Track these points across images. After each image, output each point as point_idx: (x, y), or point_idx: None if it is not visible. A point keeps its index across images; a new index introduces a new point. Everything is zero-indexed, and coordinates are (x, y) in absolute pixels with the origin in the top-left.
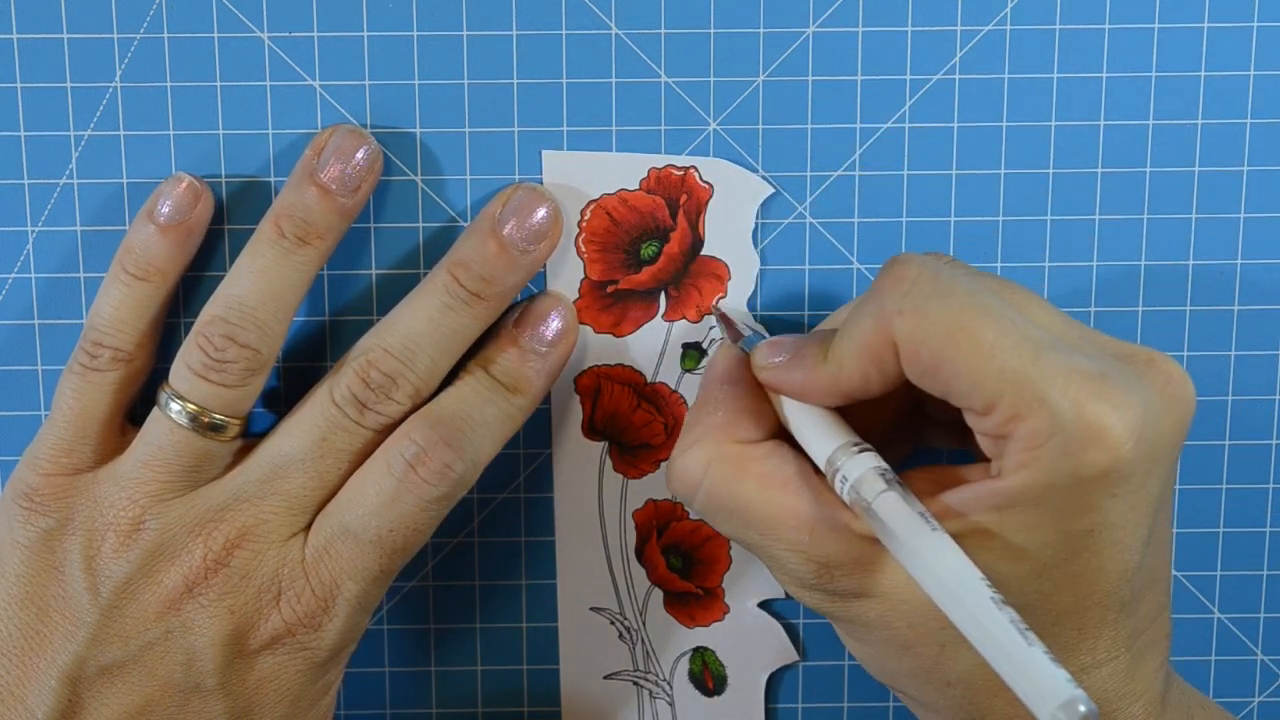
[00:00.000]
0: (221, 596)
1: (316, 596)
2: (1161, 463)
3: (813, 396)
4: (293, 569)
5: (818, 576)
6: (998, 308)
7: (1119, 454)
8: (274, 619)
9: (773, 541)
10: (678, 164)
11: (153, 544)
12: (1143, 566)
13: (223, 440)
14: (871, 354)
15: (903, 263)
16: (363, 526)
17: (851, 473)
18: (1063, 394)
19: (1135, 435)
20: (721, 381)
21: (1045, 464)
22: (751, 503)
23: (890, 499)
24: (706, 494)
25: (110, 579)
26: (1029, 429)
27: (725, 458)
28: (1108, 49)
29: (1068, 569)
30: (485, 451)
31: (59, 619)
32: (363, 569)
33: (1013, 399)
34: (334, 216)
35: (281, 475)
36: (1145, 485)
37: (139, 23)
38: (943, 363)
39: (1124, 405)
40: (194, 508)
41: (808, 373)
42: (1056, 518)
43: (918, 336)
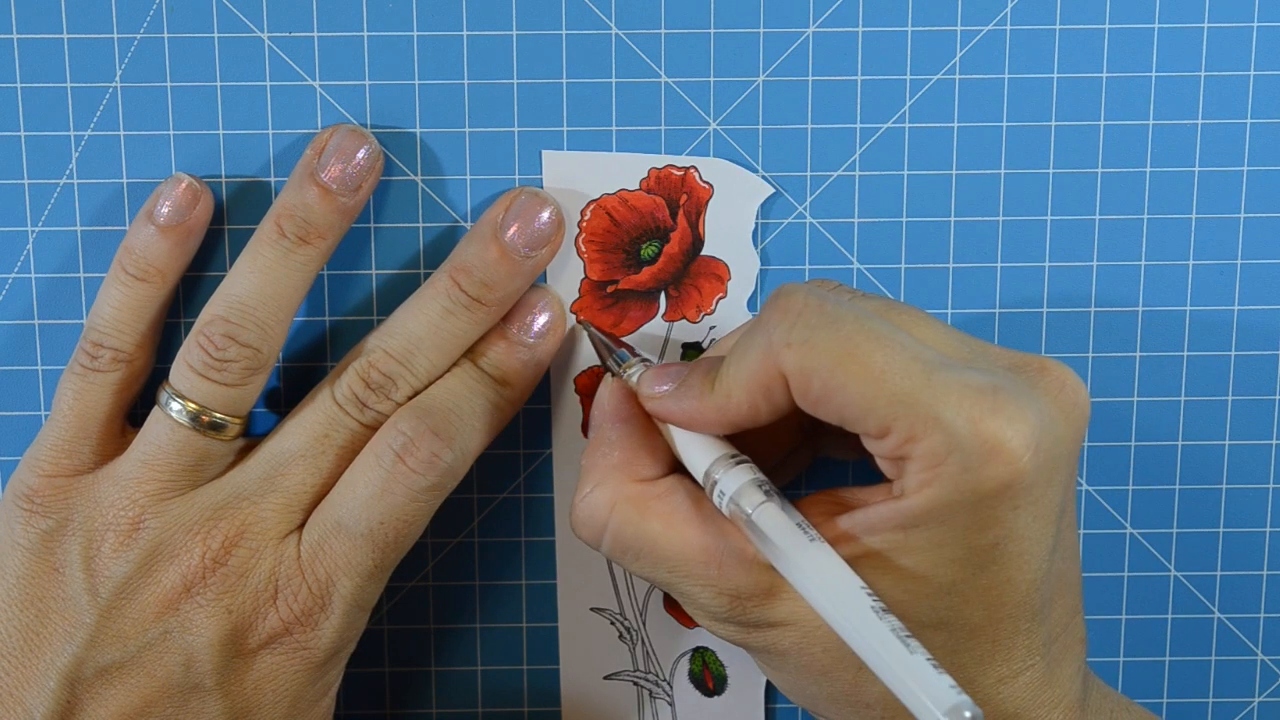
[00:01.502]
0: (219, 596)
1: (313, 594)
2: (1060, 470)
3: (701, 426)
4: (289, 567)
5: (730, 609)
6: (886, 331)
7: (1018, 467)
8: (271, 618)
9: (682, 578)
10: (678, 164)
11: (152, 543)
12: (1050, 574)
13: (223, 439)
14: (760, 386)
15: (788, 294)
16: (354, 520)
17: (729, 486)
18: (957, 411)
19: (1032, 446)
20: (614, 420)
21: (946, 482)
22: (658, 542)
23: (769, 510)
24: (613, 537)
25: (110, 579)
26: (926, 449)
27: (628, 498)
28: (1108, 49)
29: (977, 583)
30: (474, 442)
31: (58, 620)
32: (357, 564)
33: (907, 421)
34: (335, 216)
35: (281, 472)
36: (1046, 494)
37: (139, 23)
38: (834, 391)
39: (1019, 418)
40: (193, 507)
41: (695, 402)
42: (961, 534)
43: (807, 367)
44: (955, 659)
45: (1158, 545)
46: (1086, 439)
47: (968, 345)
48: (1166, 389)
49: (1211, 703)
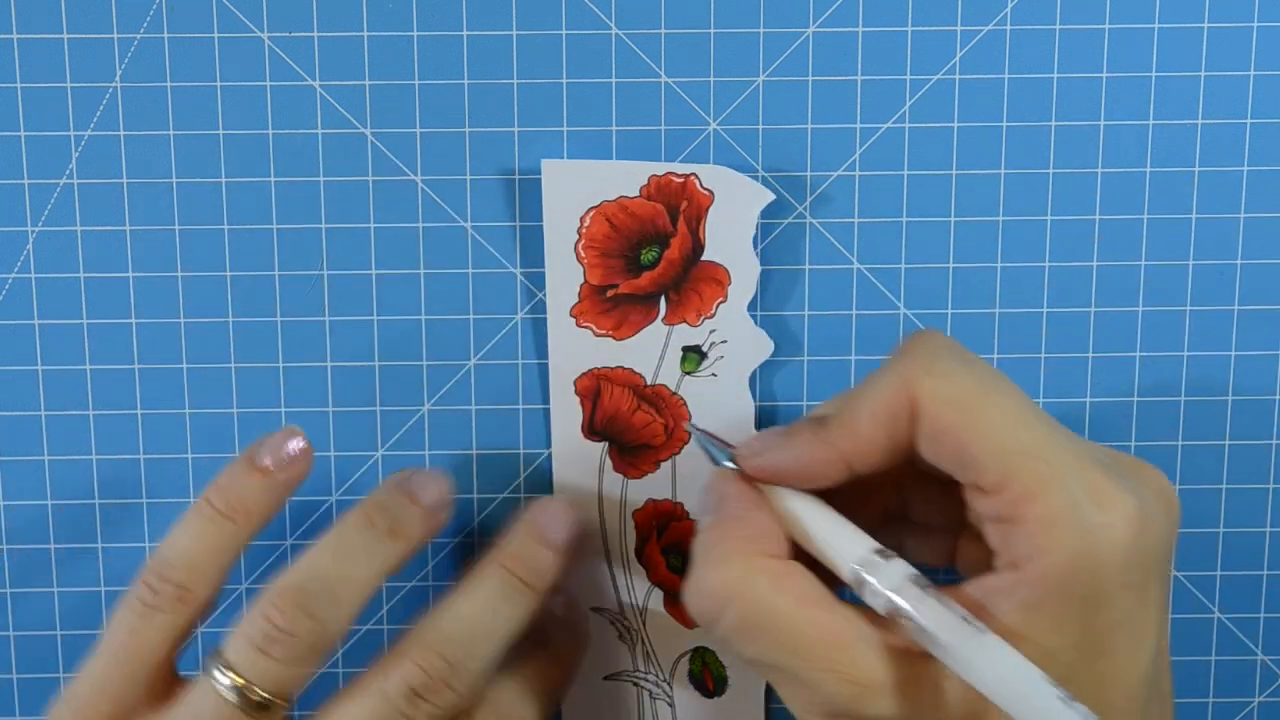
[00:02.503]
0: None
1: None
2: (1162, 563)
3: (817, 469)
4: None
5: (851, 699)
6: (1015, 389)
7: (1133, 531)
8: None
9: (804, 661)
10: (678, 171)
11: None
12: (1154, 671)
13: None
14: (888, 414)
15: (929, 334)
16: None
17: (885, 581)
18: (1078, 476)
19: (1142, 524)
20: (736, 500)
21: (1063, 548)
22: (787, 619)
23: (931, 605)
24: (739, 611)
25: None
26: (1045, 509)
27: (762, 571)
28: (1108, 49)
29: (1092, 671)
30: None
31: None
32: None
33: (1028, 475)
34: (420, 525)
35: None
36: (1149, 582)
37: (139, 23)
38: (964, 429)
39: (1132, 491)
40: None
41: (810, 448)
42: (1079, 610)
43: (943, 397)
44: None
45: None
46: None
47: (1065, 430)
48: (1166, 389)
49: (1211, 703)
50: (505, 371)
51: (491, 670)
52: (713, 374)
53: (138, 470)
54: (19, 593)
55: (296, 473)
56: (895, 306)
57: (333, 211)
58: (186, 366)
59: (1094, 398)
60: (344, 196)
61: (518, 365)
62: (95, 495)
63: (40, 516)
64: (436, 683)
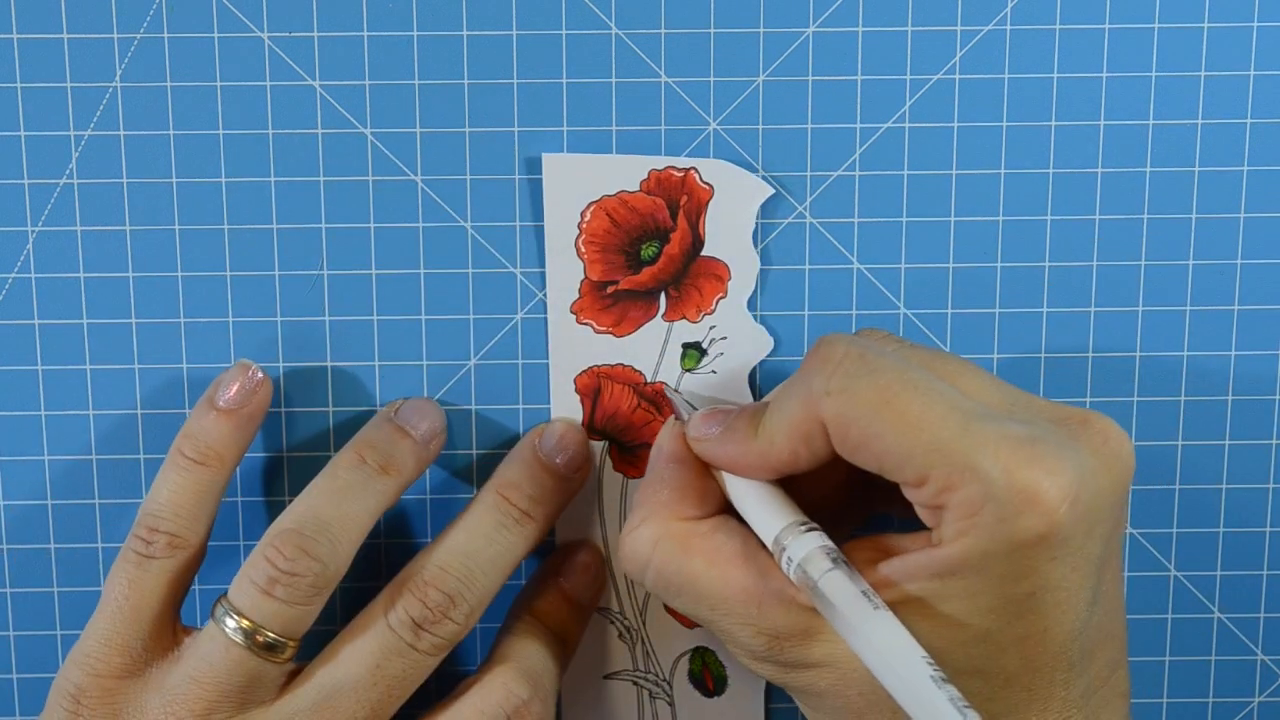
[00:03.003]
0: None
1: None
2: (1102, 522)
3: (745, 470)
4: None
5: (768, 648)
6: (925, 381)
7: (1054, 518)
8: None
9: (722, 616)
10: (678, 165)
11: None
12: (1090, 625)
13: (276, 661)
14: (800, 433)
15: (829, 343)
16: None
17: (797, 552)
18: (994, 461)
19: (1070, 498)
20: (667, 460)
21: (981, 531)
22: (700, 579)
23: (835, 578)
24: (656, 572)
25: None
26: (962, 498)
27: (671, 535)
28: (1108, 49)
29: (1012, 632)
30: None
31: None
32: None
33: (944, 470)
34: (412, 457)
35: (333, 704)
36: (1085, 546)
37: (139, 23)
38: (871, 439)
39: (1057, 469)
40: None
41: (739, 446)
42: (997, 583)
43: (845, 415)
44: (990, 707)
45: (1158, 545)
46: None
47: (1011, 396)
48: (1166, 389)
49: (1211, 703)
50: (505, 371)
51: (492, 598)
52: (713, 371)
53: (138, 470)
54: (19, 593)
55: (258, 405)
56: (895, 306)
57: (333, 211)
58: (187, 366)
59: (1094, 398)
60: (344, 196)
61: (518, 365)
62: (95, 495)
63: (40, 516)
64: (436, 614)
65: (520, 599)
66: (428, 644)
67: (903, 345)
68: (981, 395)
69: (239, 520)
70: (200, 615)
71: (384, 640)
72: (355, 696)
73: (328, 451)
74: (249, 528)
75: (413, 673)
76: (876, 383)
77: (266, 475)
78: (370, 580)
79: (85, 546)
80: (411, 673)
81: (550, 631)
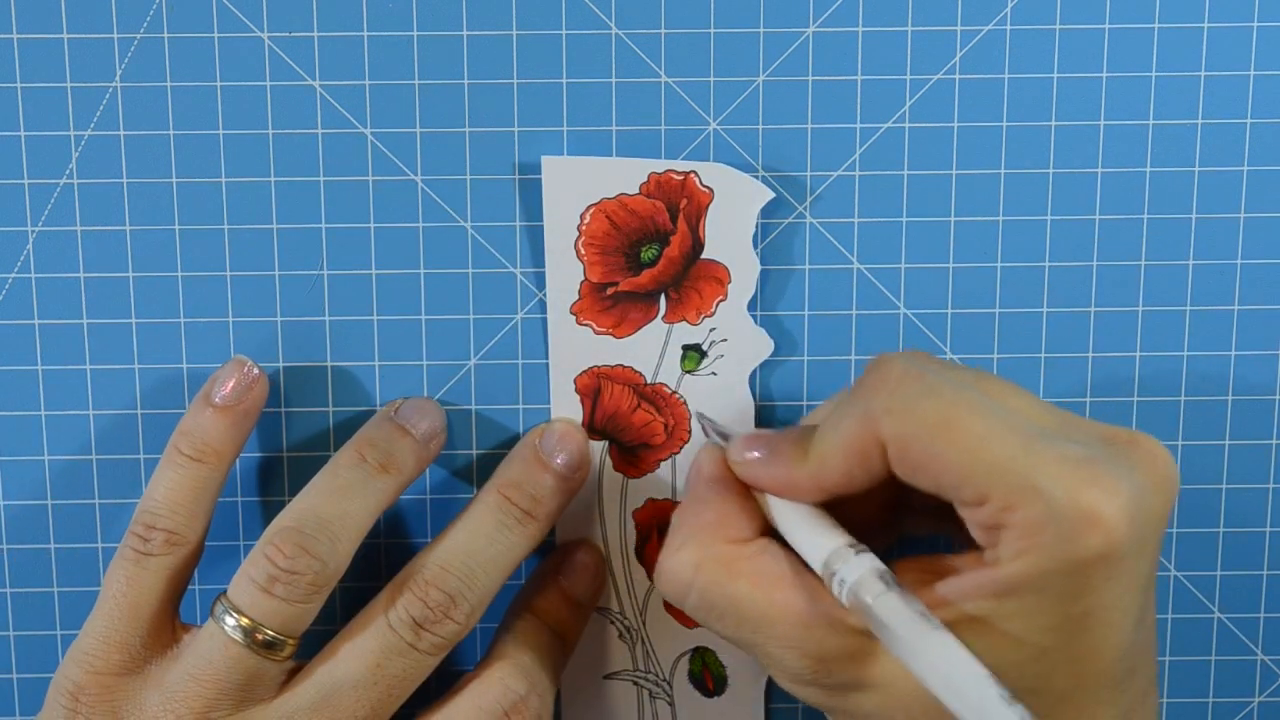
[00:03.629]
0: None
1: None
2: (1150, 542)
3: (794, 493)
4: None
5: (814, 672)
6: (983, 402)
7: (1114, 537)
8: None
9: (767, 639)
10: (678, 169)
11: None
12: (1135, 644)
13: (276, 659)
14: (857, 452)
15: (887, 362)
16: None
17: (850, 575)
18: (1055, 481)
19: (1128, 518)
20: (708, 481)
21: (1043, 551)
22: (745, 602)
23: (891, 600)
24: (699, 594)
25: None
26: (1024, 518)
27: (717, 558)
28: (1108, 49)
29: (1066, 651)
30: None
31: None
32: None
33: (1006, 490)
34: (412, 457)
35: (333, 703)
36: (1138, 565)
37: (139, 23)
38: (933, 459)
39: (1115, 489)
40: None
41: (788, 469)
42: (1055, 602)
43: (907, 434)
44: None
45: None
46: None
47: (1059, 417)
48: (1166, 389)
49: (1211, 703)
50: (505, 371)
51: (492, 598)
52: (713, 373)
53: (138, 470)
54: (19, 593)
55: (253, 402)
56: (895, 306)
57: (333, 211)
58: (187, 366)
59: (1094, 398)
60: (344, 196)
61: (518, 365)
62: (95, 495)
63: (40, 516)
64: (437, 613)
65: (520, 597)
66: (428, 643)
67: (948, 365)
68: (1031, 415)
69: (239, 519)
70: (200, 614)
71: (385, 639)
72: (355, 695)
73: (327, 451)
74: (248, 527)
75: (413, 672)
76: (937, 402)
77: (266, 475)
78: (370, 580)
79: (85, 546)
80: (412, 672)
81: (549, 630)
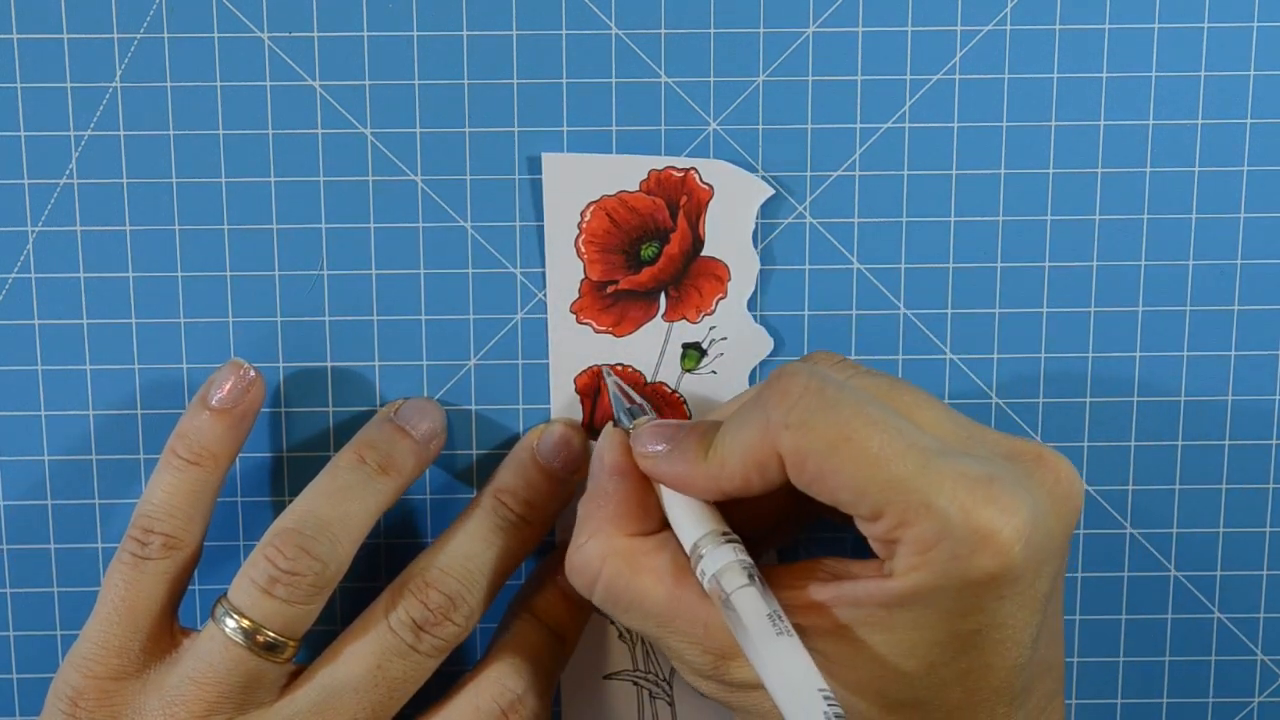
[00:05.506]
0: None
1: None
2: (1050, 561)
3: (691, 490)
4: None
5: (713, 667)
6: (883, 417)
7: (1008, 558)
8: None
9: (670, 633)
10: (678, 165)
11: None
12: (1033, 659)
13: (276, 661)
14: (755, 461)
15: (789, 375)
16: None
17: (712, 564)
18: (950, 499)
19: (1023, 538)
20: (610, 473)
21: (934, 568)
22: (647, 596)
23: (747, 595)
24: (604, 588)
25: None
26: (917, 534)
27: (618, 552)
28: (1108, 49)
29: (956, 667)
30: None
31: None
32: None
33: (900, 506)
34: (412, 457)
35: (333, 705)
36: (1034, 585)
37: (139, 23)
38: (829, 474)
39: (1012, 509)
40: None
41: (688, 467)
42: (944, 619)
43: (803, 449)
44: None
45: (1158, 545)
46: (1087, 437)
47: (966, 430)
48: (1166, 389)
49: (1211, 703)
50: (505, 371)
51: (492, 600)
52: (713, 371)
53: (138, 470)
54: (19, 593)
55: (250, 404)
56: (895, 306)
57: (333, 211)
58: (187, 366)
59: (1094, 398)
60: (344, 196)
61: (518, 365)
62: (95, 495)
63: (40, 516)
64: (437, 616)
65: (519, 596)
66: (428, 645)
67: (858, 373)
68: (937, 429)
69: (239, 520)
70: (200, 616)
71: (385, 641)
72: (356, 697)
73: (328, 451)
74: (249, 528)
75: (413, 674)
76: (836, 418)
77: (266, 475)
78: (370, 580)
79: (85, 546)
80: (412, 674)
81: (547, 629)
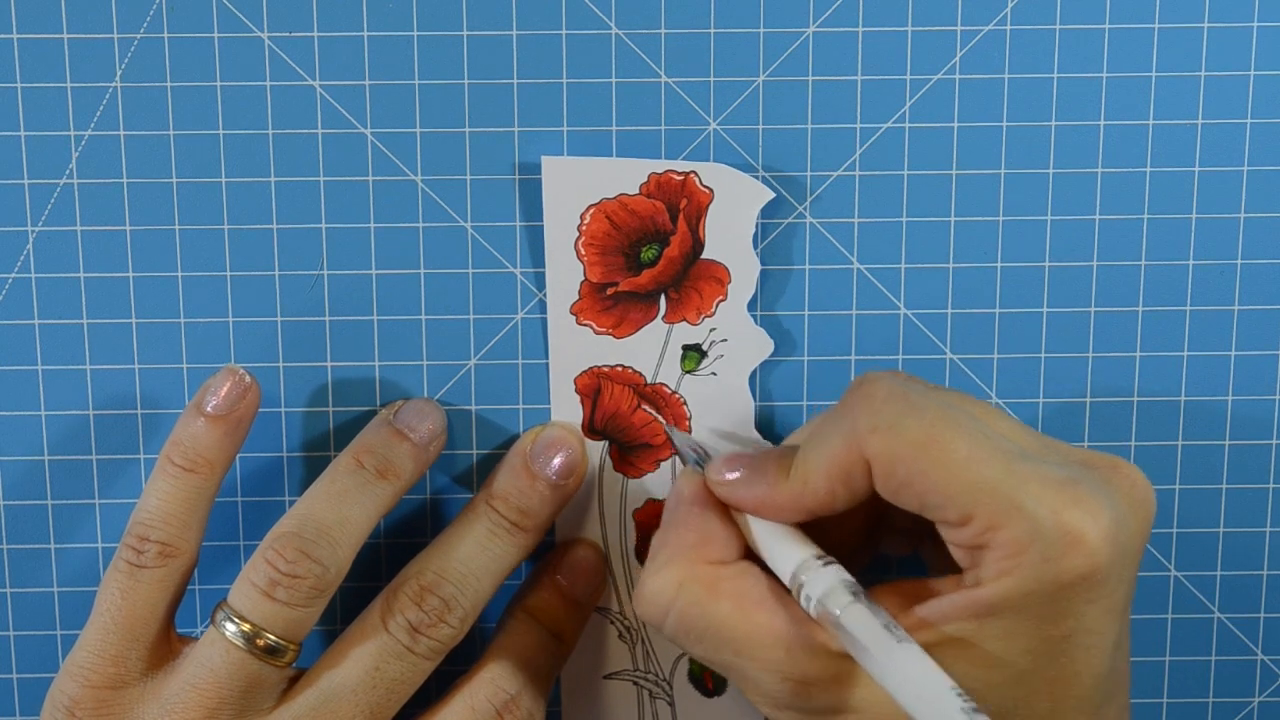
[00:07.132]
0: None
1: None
2: (1130, 566)
3: (775, 513)
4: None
5: (794, 695)
6: (967, 422)
7: (1097, 559)
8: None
9: (748, 661)
10: (678, 169)
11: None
12: (1114, 669)
13: (277, 665)
14: (841, 472)
15: (871, 381)
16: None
17: (817, 588)
18: (1039, 502)
19: (1110, 539)
20: (690, 504)
21: (1026, 571)
22: (726, 623)
23: (857, 611)
24: (679, 615)
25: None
26: (1008, 537)
27: (698, 579)
28: (1108, 49)
29: (1045, 674)
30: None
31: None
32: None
33: (990, 509)
34: (412, 463)
35: (331, 707)
36: (1118, 589)
37: (139, 23)
38: (917, 477)
39: (1097, 511)
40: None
41: (770, 489)
42: (1036, 624)
43: (892, 453)
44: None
45: (1158, 545)
46: (1088, 438)
47: (1040, 441)
48: (1166, 389)
49: (1211, 703)
50: (505, 371)
51: (487, 602)
52: (712, 373)
53: (138, 470)
54: (19, 593)
55: (246, 410)
56: (895, 306)
57: (333, 211)
58: (187, 367)
59: (1094, 398)
60: (344, 196)
61: (518, 365)
62: (95, 495)
63: (40, 516)
64: (433, 618)
65: (516, 597)
66: (425, 648)
67: (932, 387)
68: (1015, 437)
69: (239, 522)
70: (200, 618)
71: (382, 644)
72: (354, 699)
73: (328, 452)
74: (249, 529)
75: (410, 676)
76: (922, 421)
77: (267, 476)
78: (370, 581)
79: (85, 546)
80: (409, 676)
81: (545, 628)
